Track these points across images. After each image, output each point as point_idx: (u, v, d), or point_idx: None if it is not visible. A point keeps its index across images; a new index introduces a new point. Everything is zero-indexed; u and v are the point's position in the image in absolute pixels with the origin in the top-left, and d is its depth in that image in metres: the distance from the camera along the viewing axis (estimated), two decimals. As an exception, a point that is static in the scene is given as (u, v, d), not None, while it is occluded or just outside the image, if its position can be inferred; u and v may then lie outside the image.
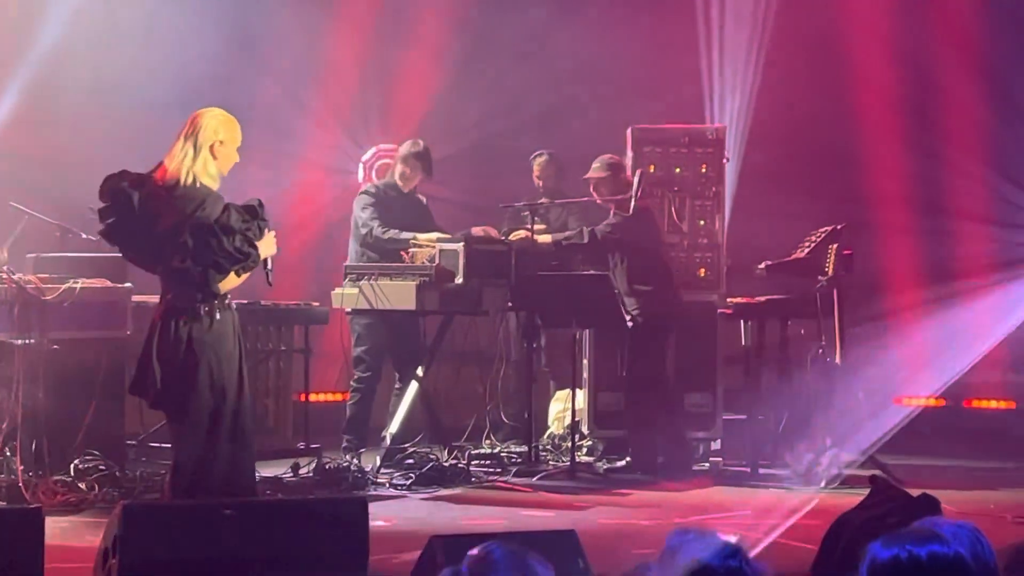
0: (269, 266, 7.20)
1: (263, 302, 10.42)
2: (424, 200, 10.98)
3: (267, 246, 7.11)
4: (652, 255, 10.55)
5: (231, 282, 7.00)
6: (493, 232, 10.72)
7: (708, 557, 3.21)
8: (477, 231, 10.58)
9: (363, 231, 10.42)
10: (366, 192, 10.73)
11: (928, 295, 13.07)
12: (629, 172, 10.74)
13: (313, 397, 10.93)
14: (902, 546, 2.96)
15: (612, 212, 10.58)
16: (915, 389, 12.98)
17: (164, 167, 7.04)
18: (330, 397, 11.82)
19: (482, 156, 13.15)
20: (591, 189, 10.63)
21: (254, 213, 6.99)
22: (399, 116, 12.88)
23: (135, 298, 9.41)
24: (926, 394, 12.89)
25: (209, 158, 6.99)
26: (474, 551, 3.48)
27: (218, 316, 6.93)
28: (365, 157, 12.82)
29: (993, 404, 13.08)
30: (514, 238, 10.68)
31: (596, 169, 10.59)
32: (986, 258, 13.12)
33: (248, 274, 7.04)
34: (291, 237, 12.87)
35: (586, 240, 10.44)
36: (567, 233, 10.72)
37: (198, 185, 6.96)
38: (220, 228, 6.86)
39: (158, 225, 6.94)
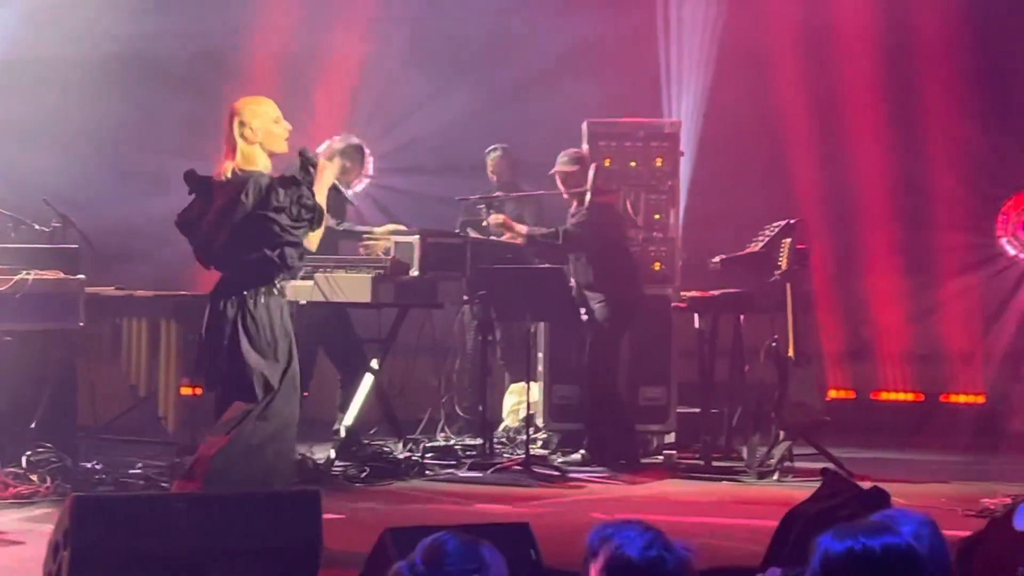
0: (342, 190, 7.19)
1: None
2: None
3: (327, 176, 7.15)
4: (616, 250, 10.57)
5: (314, 240, 7.10)
6: (507, 220, 10.78)
7: (627, 551, 3.23)
8: (495, 220, 10.65)
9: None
10: None
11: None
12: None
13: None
14: (855, 538, 2.97)
15: (575, 206, 10.57)
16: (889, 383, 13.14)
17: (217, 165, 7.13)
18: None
19: (436, 149, 13.15)
20: (559, 183, 10.62)
21: (293, 180, 6.96)
22: (345, 106, 12.82)
23: (88, 290, 9.36)
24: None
25: (244, 145, 7.01)
26: (426, 541, 3.48)
27: (261, 302, 6.93)
28: (319, 149, 12.69)
29: (963, 399, 13.18)
30: (493, 222, 10.74)
31: (563, 163, 10.59)
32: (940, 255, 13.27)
33: (322, 227, 7.09)
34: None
35: (560, 241, 10.44)
36: (543, 230, 10.73)
37: (239, 173, 6.98)
38: (273, 211, 6.88)
39: (199, 219, 7.08)
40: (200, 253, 7.26)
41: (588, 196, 10.45)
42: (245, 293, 6.94)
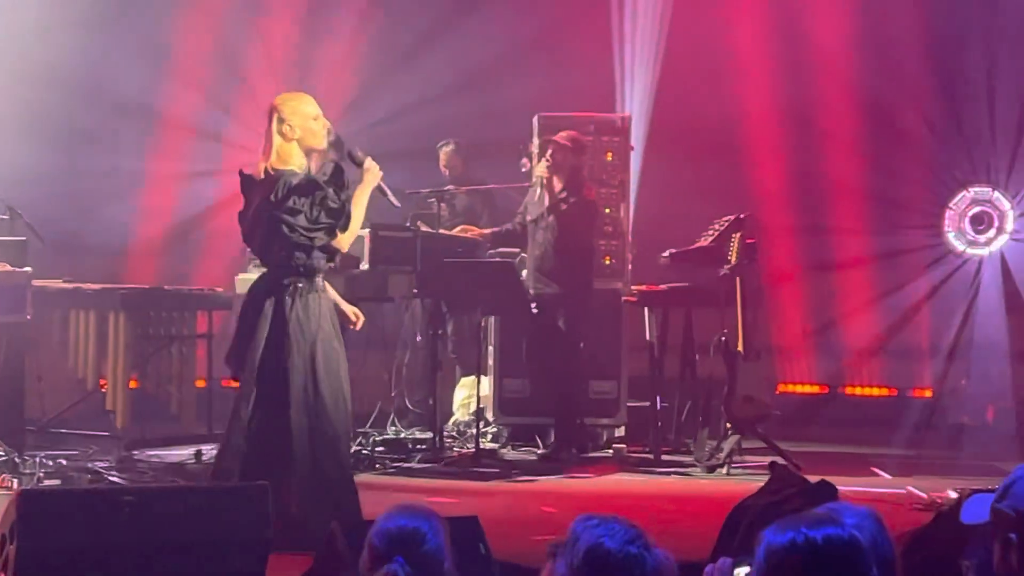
0: (386, 192, 7.47)
1: (166, 287, 10.36)
2: None
3: (371, 178, 7.26)
4: (592, 244, 10.61)
5: (344, 241, 7.19)
6: (473, 230, 10.82)
7: (608, 542, 3.23)
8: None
9: None
10: None
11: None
12: (536, 158, 10.80)
13: (216, 383, 10.85)
14: (797, 529, 2.98)
15: (558, 189, 10.48)
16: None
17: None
18: (234, 383, 11.72)
19: (389, 142, 13.12)
20: (548, 155, 10.49)
21: (314, 186, 7.02)
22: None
23: (36, 282, 9.31)
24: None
25: (282, 143, 7.10)
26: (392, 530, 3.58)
27: (299, 297, 7.05)
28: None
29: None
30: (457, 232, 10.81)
31: (563, 137, 10.55)
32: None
33: (352, 233, 7.18)
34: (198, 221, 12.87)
35: (557, 229, 10.45)
36: (506, 227, 10.80)
37: (271, 172, 7.07)
38: (285, 213, 6.98)
39: (245, 218, 7.22)
40: (250, 248, 7.52)
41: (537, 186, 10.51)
42: (279, 291, 7.07)
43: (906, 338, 13.34)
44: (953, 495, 8.06)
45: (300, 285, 7.07)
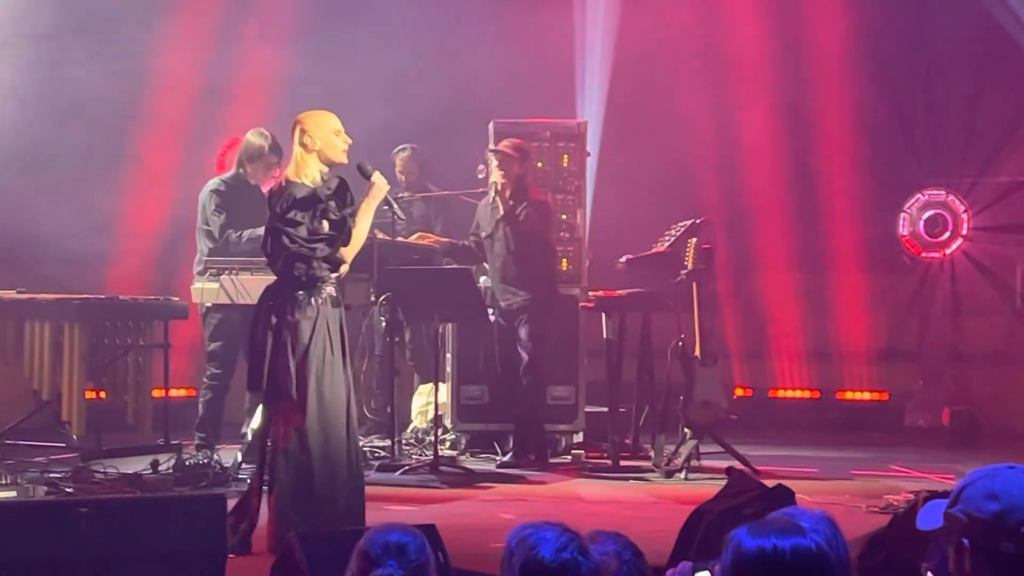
0: (392, 205, 7.84)
1: (121, 296, 10.30)
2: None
3: (377, 191, 7.43)
4: (549, 248, 10.61)
5: (347, 253, 7.32)
6: (430, 237, 10.81)
7: (542, 552, 3.25)
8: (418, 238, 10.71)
9: (218, 235, 10.15)
10: (216, 191, 10.21)
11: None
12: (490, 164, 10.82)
13: (173, 392, 10.82)
14: (767, 537, 3.02)
15: (507, 196, 10.48)
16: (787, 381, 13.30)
17: None
18: (190, 392, 11.70)
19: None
20: (494, 165, 10.51)
21: (315, 199, 7.15)
22: (258, 106, 12.73)
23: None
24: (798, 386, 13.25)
25: (302, 154, 7.30)
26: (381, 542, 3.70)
27: (299, 306, 7.18)
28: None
29: (866, 396, 13.35)
30: (416, 240, 10.77)
31: (507, 146, 10.54)
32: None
33: (356, 245, 7.34)
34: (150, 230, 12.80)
35: (513, 238, 10.44)
36: (464, 242, 10.80)
37: (283, 184, 7.26)
38: (287, 224, 7.13)
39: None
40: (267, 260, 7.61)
41: (493, 195, 10.51)
42: (283, 302, 7.21)
43: (860, 340, 13.42)
44: (910, 498, 8.09)
45: (300, 295, 7.20)
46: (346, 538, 4.43)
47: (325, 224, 7.19)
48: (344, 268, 7.45)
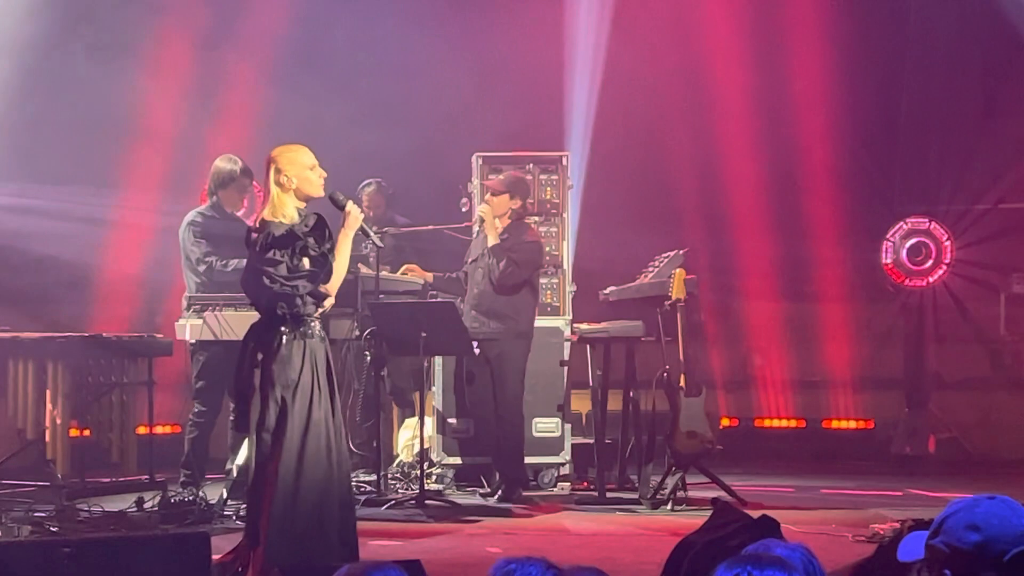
0: (369, 233, 7.80)
1: (105, 334, 10.28)
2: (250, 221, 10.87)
3: (353, 221, 7.42)
4: (530, 286, 10.59)
5: (331, 287, 7.31)
6: (417, 270, 10.81)
7: None
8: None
9: (201, 268, 10.10)
10: (192, 223, 10.21)
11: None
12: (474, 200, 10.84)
13: (157, 429, 10.80)
14: (744, 567, 3.02)
15: (504, 230, 10.48)
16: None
17: None
18: (175, 429, 11.67)
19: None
20: (488, 195, 10.53)
21: (292, 237, 7.15)
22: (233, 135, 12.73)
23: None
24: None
25: (277, 192, 7.27)
26: None
27: (283, 343, 7.15)
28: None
29: (852, 424, 13.37)
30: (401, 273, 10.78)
31: (500, 180, 10.57)
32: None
33: (338, 277, 7.34)
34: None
35: (517, 270, 10.43)
36: (449, 275, 10.83)
37: (261, 225, 7.26)
38: (266, 264, 7.13)
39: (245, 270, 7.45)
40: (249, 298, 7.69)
41: (477, 227, 10.53)
42: (269, 339, 7.19)
43: (844, 368, 13.45)
44: (896, 526, 8.09)
45: (284, 332, 7.18)
46: (329, 574, 4.42)
47: (306, 261, 7.18)
48: (329, 302, 7.45)
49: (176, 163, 12.52)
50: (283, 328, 7.18)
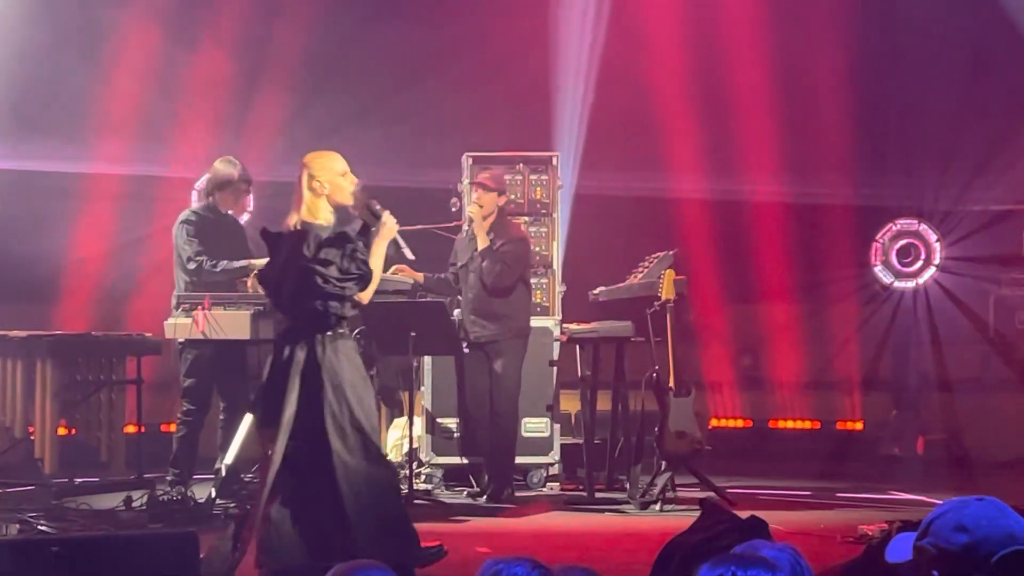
0: (401, 244, 7.93)
1: (93, 333, 10.27)
2: (240, 222, 10.88)
3: (387, 231, 7.54)
4: (523, 283, 10.59)
5: (366, 295, 7.37)
6: (407, 270, 10.78)
7: None
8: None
9: (191, 266, 10.07)
10: (186, 222, 10.23)
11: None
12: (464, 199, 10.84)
13: (145, 428, 10.78)
14: (727, 567, 3.02)
15: (489, 228, 10.48)
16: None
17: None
18: (164, 428, 11.65)
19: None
20: (475, 193, 10.53)
21: (345, 239, 7.23)
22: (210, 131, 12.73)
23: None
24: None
25: (310, 198, 7.38)
26: None
27: (327, 344, 7.21)
28: (199, 184, 12.42)
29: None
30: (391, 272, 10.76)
31: (486, 177, 10.56)
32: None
33: (373, 286, 7.39)
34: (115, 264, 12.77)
35: (506, 270, 10.42)
36: (439, 275, 10.80)
37: (299, 227, 7.31)
38: (319, 264, 7.17)
39: (271, 273, 7.44)
40: (273, 302, 7.80)
41: (465, 226, 10.52)
42: (310, 340, 7.21)
43: (834, 371, 13.46)
44: (884, 527, 8.10)
45: (330, 333, 7.25)
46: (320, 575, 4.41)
47: (353, 264, 7.23)
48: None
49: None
50: (327, 329, 7.24)
